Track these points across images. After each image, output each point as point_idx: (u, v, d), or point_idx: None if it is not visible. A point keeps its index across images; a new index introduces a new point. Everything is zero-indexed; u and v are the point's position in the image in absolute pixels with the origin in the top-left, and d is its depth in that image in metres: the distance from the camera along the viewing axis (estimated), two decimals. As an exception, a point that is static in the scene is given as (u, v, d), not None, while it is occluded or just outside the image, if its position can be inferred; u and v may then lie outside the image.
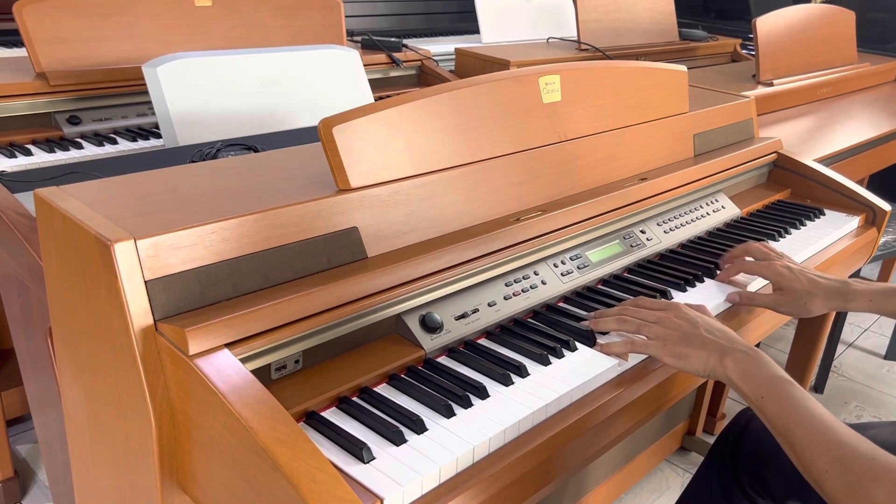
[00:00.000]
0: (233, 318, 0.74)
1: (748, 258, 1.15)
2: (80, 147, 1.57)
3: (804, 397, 0.79)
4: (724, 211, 1.42)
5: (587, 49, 2.45)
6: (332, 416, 0.79)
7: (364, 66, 1.69)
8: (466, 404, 0.81)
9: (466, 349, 0.93)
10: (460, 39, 2.84)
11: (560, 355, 0.92)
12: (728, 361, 0.86)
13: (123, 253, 0.71)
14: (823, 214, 1.49)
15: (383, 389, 0.84)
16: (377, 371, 0.85)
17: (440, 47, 2.46)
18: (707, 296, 1.12)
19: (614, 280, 1.15)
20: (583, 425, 0.84)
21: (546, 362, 0.91)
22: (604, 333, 0.98)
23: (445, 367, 0.88)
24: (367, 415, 0.78)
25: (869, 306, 1.05)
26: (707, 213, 1.38)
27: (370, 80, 1.71)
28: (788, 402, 0.79)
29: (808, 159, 1.59)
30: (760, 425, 1.16)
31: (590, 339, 0.96)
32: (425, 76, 2.27)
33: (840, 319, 2.23)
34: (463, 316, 0.95)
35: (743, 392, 0.84)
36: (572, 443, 0.83)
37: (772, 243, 1.33)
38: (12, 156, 1.49)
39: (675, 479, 1.88)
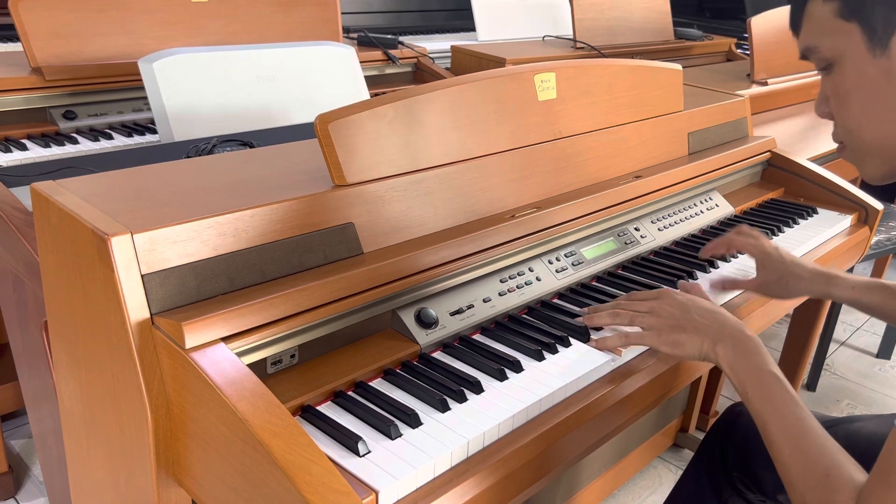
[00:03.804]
0: (229, 312, 0.74)
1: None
2: (75, 142, 1.57)
3: (784, 396, 0.80)
4: (718, 209, 1.43)
5: (583, 47, 2.46)
6: (328, 410, 0.79)
7: (360, 63, 1.70)
8: (461, 399, 0.82)
9: (461, 344, 0.94)
10: (456, 37, 2.85)
11: (554, 351, 0.93)
12: (720, 349, 0.86)
13: (120, 247, 0.72)
14: (816, 213, 1.50)
15: (378, 384, 0.85)
16: (372, 366, 0.85)
17: (436, 45, 2.46)
18: (700, 293, 1.13)
19: (608, 277, 1.15)
20: (576, 420, 0.85)
21: (540, 357, 0.91)
22: (598, 329, 0.99)
23: (440, 362, 0.89)
24: (363, 409, 0.79)
25: (850, 294, 1.07)
26: (701, 212, 1.39)
27: (366, 77, 1.71)
28: (770, 400, 0.80)
29: (802, 158, 1.60)
30: (749, 421, 1.16)
31: (584, 335, 0.96)
32: (421, 73, 2.27)
33: (832, 317, 2.24)
34: (458, 311, 0.96)
35: (732, 380, 0.85)
36: (566, 437, 0.84)
37: (765, 241, 1.34)
38: (7, 150, 1.49)
39: (668, 475, 1.89)
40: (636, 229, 1.25)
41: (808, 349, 1.82)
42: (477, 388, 0.84)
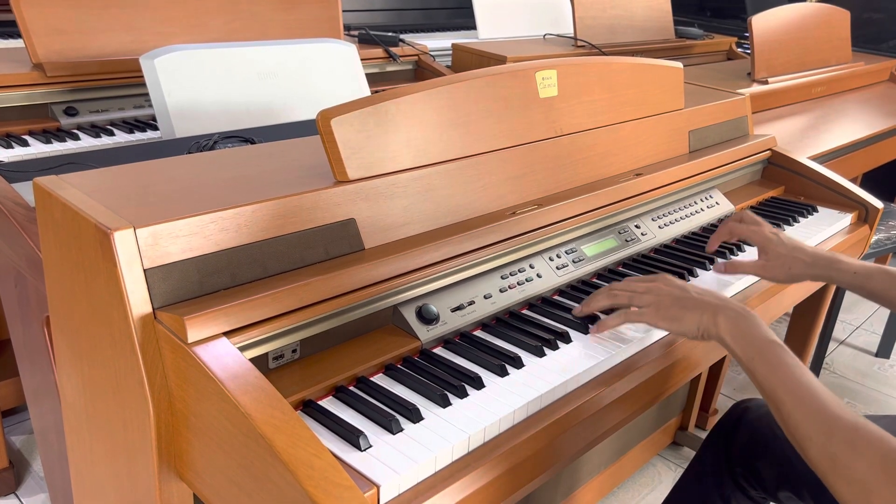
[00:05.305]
0: (231, 306, 0.74)
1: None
2: (76, 138, 1.57)
3: (794, 363, 0.79)
4: (719, 207, 1.43)
5: (583, 45, 2.46)
6: (330, 404, 0.80)
7: (361, 60, 1.70)
8: (462, 394, 0.82)
9: (462, 340, 0.94)
10: (457, 35, 2.85)
11: (555, 347, 0.93)
12: (721, 319, 0.86)
13: (123, 241, 0.72)
14: (816, 211, 1.50)
15: (380, 379, 0.85)
16: (374, 361, 0.86)
17: (437, 42, 2.46)
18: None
19: (609, 274, 1.16)
20: (577, 416, 0.85)
21: (541, 354, 0.91)
22: (594, 319, 0.98)
23: (441, 358, 0.89)
24: (364, 404, 0.79)
25: (852, 279, 1.06)
26: (701, 209, 1.40)
27: (367, 75, 1.71)
28: (778, 366, 0.79)
29: (802, 157, 1.60)
30: (754, 417, 1.17)
31: (584, 331, 0.97)
32: (422, 71, 2.28)
33: (832, 316, 2.25)
34: (459, 308, 0.96)
35: (734, 352, 0.84)
36: (566, 433, 0.84)
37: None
38: (9, 146, 1.49)
39: (667, 473, 1.89)
40: (637, 227, 1.26)
41: (807, 348, 1.82)
42: (478, 384, 0.84)
